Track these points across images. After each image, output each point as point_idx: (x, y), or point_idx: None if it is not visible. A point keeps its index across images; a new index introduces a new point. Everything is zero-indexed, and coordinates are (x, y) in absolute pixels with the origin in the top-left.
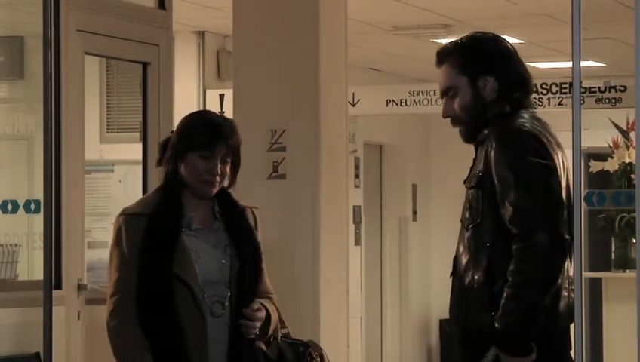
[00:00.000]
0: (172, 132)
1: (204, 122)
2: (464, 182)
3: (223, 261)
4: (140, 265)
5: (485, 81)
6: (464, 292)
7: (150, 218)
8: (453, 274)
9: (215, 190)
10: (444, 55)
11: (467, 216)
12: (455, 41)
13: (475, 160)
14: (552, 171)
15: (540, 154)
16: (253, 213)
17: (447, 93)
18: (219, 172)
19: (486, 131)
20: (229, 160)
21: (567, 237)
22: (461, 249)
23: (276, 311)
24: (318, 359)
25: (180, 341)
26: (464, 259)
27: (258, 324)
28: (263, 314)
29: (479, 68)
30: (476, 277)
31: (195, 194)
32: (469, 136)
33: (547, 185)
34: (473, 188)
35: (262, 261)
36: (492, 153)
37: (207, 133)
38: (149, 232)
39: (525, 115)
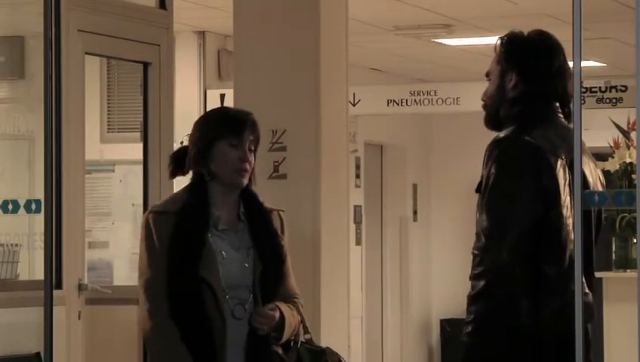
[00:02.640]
0: (182, 143)
1: (227, 113)
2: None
3: (246, 264)
4: (168, 265)
5: (512, 77)
6: None
7: (178, 216)
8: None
9: (246, 180)
10: (499, 41)
11: (477, 218)
12: (515, 32)
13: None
14: (526, 189)
15: (522, 168)
16: (280, 215)
17: (487, 76)
18: (249, 158)
19: (501, 134)
20: (254, 149)
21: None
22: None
23: (297, 316)
24: None
25: (209, 342)
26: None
27: (268, 322)
28: (275, 313)
29: (510, 63)
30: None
31: (226, 186)
32: (488, 123)
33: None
34: (477, 191)
35: (285, 264)
36: (491, 158)
37: (234, 121)
38: (177, 231)
39: (541, 123)
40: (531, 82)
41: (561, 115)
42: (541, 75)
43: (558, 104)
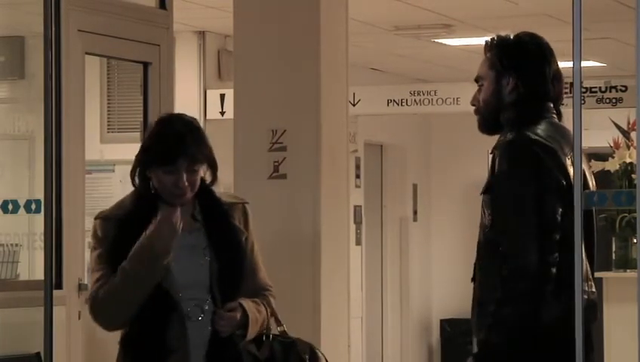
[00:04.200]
0: None
1: (162, 136)
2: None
3: (201, 263)
4: (113, 270)
5: (509, 80)
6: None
7: (121, 221)
8: (473, 279)
9: (187, 197)
10: (487, 46)
11: (482, 221)
12: (503, 35)
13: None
14: (547, 189)
15: (541, 168)
16: (244, 208)
17: (477, 81)
18: (185, 184)
19: (503, 137)
20: (197, 168)
21: (552, 256)
22: (478, 253)
23: (264, 310)
24: (306, 356)
25: (162, 346)
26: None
27: (228, 322)
28: (235, 314)
29: (507, 67)
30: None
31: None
32: (483, 128)
33: (531, 203)
34: (483, 193)
35: (246, 259)
36: (498, 160)
37: (167, 149)
38: (119, 237)
39: (542, 124)
40: (529, 85)
41: (555, 115)
42: (538, 78)
43: (552, 105)
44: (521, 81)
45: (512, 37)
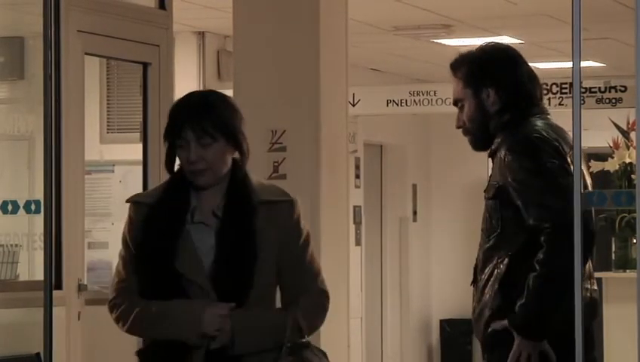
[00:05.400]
0: None
1: (173, 108)
2: (484, 191)
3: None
4: (139, 261)
5: (488, 92)
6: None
7: (151, 207)
8: (474, 282)
9: (207, 178)
10: (454, 68)
11: (488, 225)
12: (463, 53)
13: (492, 170)
14: (567, 173)
15: (553, 158)
16: (291, 205)
17: (456, 104)
18: (194, 158)
19: (498, 140)
20: (208, 142)
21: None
22: (481, 257)
23: (276, 320)
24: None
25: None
26: (486, 269)
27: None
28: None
29: (482, 80)
30: (496, 286)
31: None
32: (477, 146)
33: (566, 186)
34: (491, 199)
35: (256, 265)
36: (507, 163)
37: (174, 121)
38: (148, 223)
39: (538, 122)
40: (509, 91)
41: (549, 116)
42: (516, 81)
43: (542, 105)
44: (500, 89)
45: (475, 51)
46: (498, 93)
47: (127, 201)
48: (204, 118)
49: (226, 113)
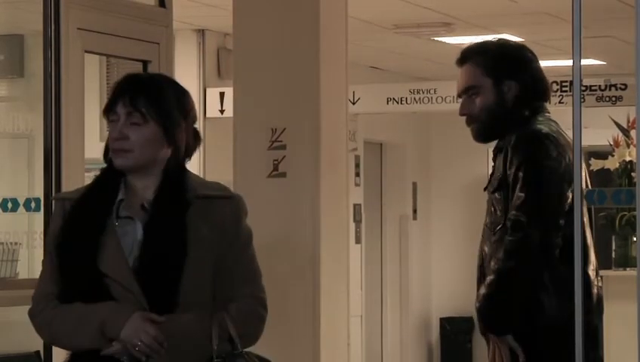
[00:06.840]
0: None
1: (115, 83)
2: (484, 189)
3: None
4: (60, 262)
5: (510, 85)
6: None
7: (74, 203)
8: (480, 280)
9: (127, 161)
10: (471, 54)
11: (492, 219)
12: (481, 42)
13: (494, 167)
14: (565, 175)
15: (555, 157)
16: (232, 203)
17: (467, 91)
18: (118, 135)
19: (506, 138)
20: (141, 120)
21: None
22: (486, 250)
23: (199, 330)
24: None
25: None
26: (492, 262)
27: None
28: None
29: (505, 72)
30: None
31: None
32: (481, 136)
33: (556, 187)
34: (495, 191)
35: (185, 263)
36: (509, 155)
37: (111, 94)
38: (68, 220)
39: (541, 119)
40: (528, 85)
41: (549, 114)
42: (535, 79)
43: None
44: (519, 83)
45: (491, 43)
46: (519, 87)
47: (53, 199)
48: (140, 94)
49: (168, 99)
